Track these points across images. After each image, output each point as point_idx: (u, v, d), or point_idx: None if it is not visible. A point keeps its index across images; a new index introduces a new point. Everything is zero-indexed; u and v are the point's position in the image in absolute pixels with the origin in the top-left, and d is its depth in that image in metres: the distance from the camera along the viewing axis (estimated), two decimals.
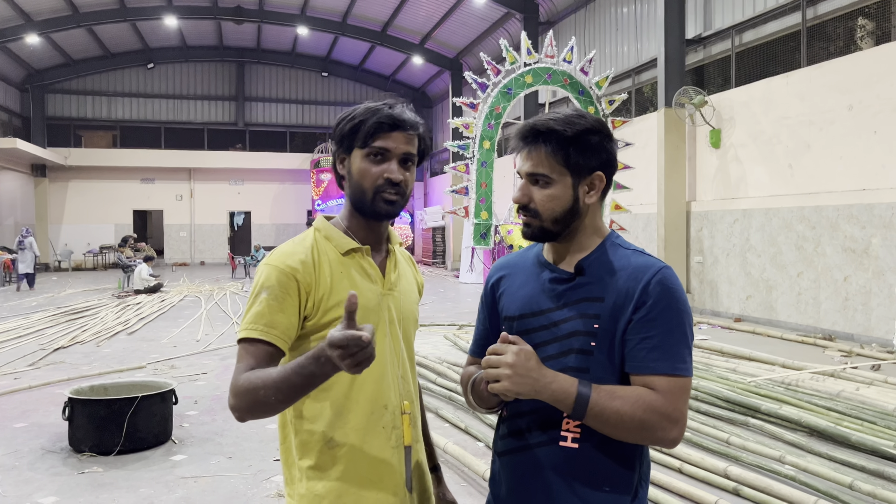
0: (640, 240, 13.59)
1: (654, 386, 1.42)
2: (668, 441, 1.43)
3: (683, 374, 1.43)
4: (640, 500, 1.53)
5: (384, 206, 1.61)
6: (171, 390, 5.25)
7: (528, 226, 1.54)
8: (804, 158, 10.24)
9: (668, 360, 1.43)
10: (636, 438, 1.43)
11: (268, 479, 4.46)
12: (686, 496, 3.94)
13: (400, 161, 1.61)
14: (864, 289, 9.15)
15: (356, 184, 1.62)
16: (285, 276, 1.56)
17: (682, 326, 1.45)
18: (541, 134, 1.51)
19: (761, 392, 5.90)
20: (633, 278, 1.47)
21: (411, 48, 24.98)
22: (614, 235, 1.58)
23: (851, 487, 3.92)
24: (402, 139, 1.61)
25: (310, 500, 1.59)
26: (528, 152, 1.53)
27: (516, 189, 1.55)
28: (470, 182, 9.65)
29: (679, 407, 1.42)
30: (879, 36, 9.89)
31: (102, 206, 28.98)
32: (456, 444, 4.79)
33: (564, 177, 1.52)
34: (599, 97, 10.19)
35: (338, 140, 1.65)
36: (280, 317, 1.54)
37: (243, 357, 1.52)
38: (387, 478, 1.62)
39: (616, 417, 1.40)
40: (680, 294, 1.47)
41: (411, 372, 1.75)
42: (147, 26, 25.90)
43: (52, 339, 9.82)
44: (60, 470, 4.64)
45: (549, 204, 1.51)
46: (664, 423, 1.40)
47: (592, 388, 1.41)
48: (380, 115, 1.60)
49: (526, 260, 1.65)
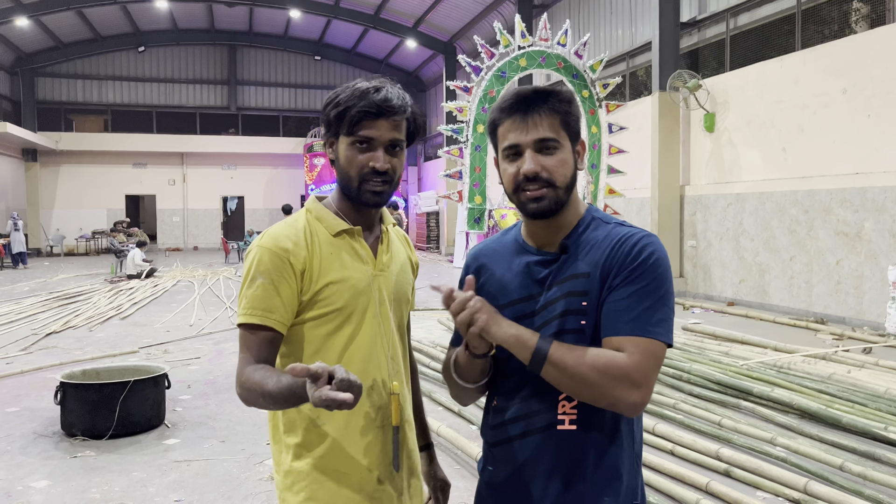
0: (634, 224, 13.57)
1: (623, 346, 1.38)
2: (628, 404, 1.36)
3: (656, 337, 1.38)
4: (639, 476, 1.53)
5: (370, 197, 1.61)
6: (164, 374, 5.24)
7: (540, 199, 1.46)
8: (798, 142, 10.24)
9: (640, 322, 1.38)
10: (594, 396, 1.38)
11: (261, 463, 4.46)
12: (678, 477, 3.95)
13: (386, 148, 1.59)
14: (857, 272, 9.18)
15: (343, 170, 1.61)
16: (279, 258, 1.56)
17: (660, 290, 1.41)
18: (545, 97, 1.47)
19: (753, 375, 5.92)
20: (616, 248, 1.44)
21: (405, 31, 24.81)
22: (594, 209, 1.56)
23: (842, 469, 3.94)
24: (387, 126, 1.58)
25: (294, 477, 1.60)
26: (529, 120, 1.46)
27: (527, 161, 1.45)
28: (464, 166, 9.61)
29: (644, 370, 1.36)
30: (874, 19, 9.86)
31: (94, 191, 28.83)
32: (449, 427, 4.80)
33: (566, 142, 1.49)
34: (593, 81, 10.14)
35: (325, 125, 1.64)
36: (277, 300, 1.55)
37: (246, 346, 1.55)
38: (371, 456, 1.62)
39: (574, 368, 1.36)
40: (661, 260, 1.43)
41: (402, 353, 1.74)
42: (138, 9, 25.64)
43: (45, 324, 9.78)
44: (53, 454, 4.64)
45: (562, 169, 1.47)
46: (624, 383, 1.35)
47: (553, 342, 1.40)
48: (364, 102, 1.56)
49: (504, 245, 1.60)
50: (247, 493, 4.00)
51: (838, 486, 3.71)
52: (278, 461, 1.65)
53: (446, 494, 1.86)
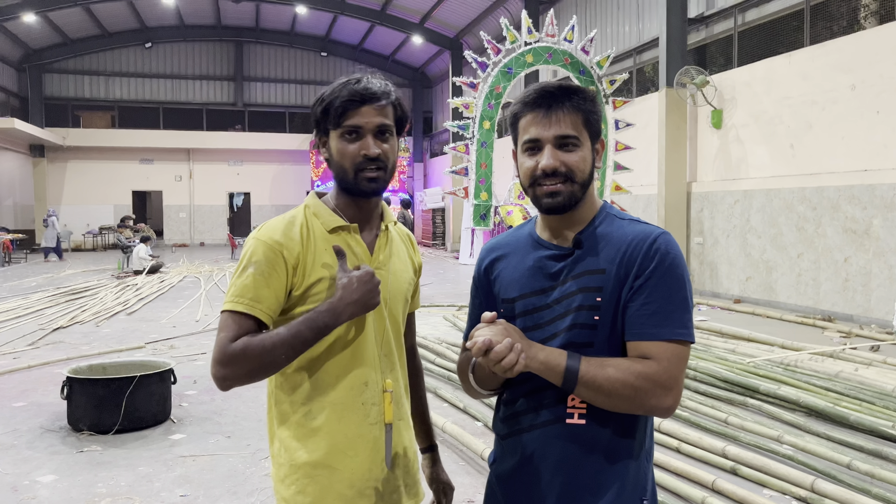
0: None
1: (651, 352, 1.40)
2: (662, 409, 1.40)
3: (684, 338, 1.41)
4: (648, 472, 1.52)
5: (367, 184, 1.62)
6: (170, 370, 5.25)
7: (556, 194, 1.46)
8: (806, 139, 10.18)
9: (668, 326, 1.40)
10: (629, 407, 1.40)
11: (266, 458, 4.46)
12: (684, 475, 3.94)
13: (375, 134, 1.61)
14: (865, 270, 9.13)
15: (337, 164, 1.63)
16: (272, 251, 1.57)
17: (683, 291, 1.43)
18: (569, 94, 1.48)
19: (760, 372, 5.90)
20: (633, 246, 1.44)
21: (411, 27, 24.78)
22: (608, 206, 1.56)
23: (849, 467, 3.92)
24: (372, 112, 1.60)
25: (287, 470, 1.61)
26: (553, 115, 1.46)
27: (546, 156, 1.46)
28: (470, 163, 9.60)
29: (674, 374, 1.39)
30: (883, 15, 9.79)
31: (101, 187, 28.89)
32: (454, 424, 4.80)
33: (587, 140, 1.50)
34: (600, 77, 10.11)
35: (315, 125, 1.66)
36: (266, 291, 1.55)
37: (228, 327, 1.53)
38: (363, 453, 1.62)
39: (608, 385, 1.37)
40: (679, 259, 1.45)
41: (398, 351, 1.74)
42: (144, 5, 25.69)
43: (52, 319, 9.82)
44: (59, 449, 4.65)
45: (581, 166, 1.48)
46: (657, 390, 1.38)
47: (581, 359, 1.40)
48: (345, 93, 1.59)
49: (518, 239, 1.61)
50: (252, 489, 4.01)
51: (846, 485, 3.69)
52: (272, 453, 1.67)
53: (449, 497, 1.86)
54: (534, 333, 1.49)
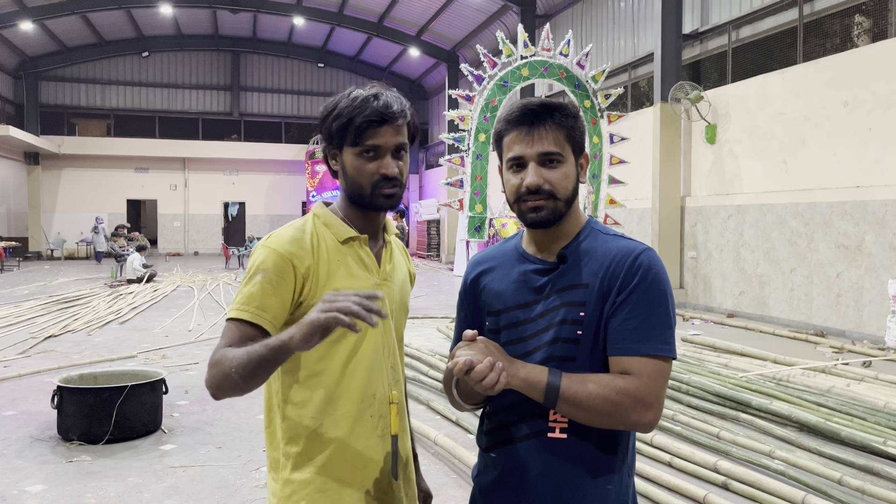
0: (635, 235, 13.58)
1: (632, 368, 1.40)
2: (643, 425, 1.41)
3: (665, 354, 1.42)
4: (629, 487, 1.52)
5: (384, 201, 1.61)
6: (162, 380, 5.23)
7: (540, 209, 1.48)
8: (799, 154, 10.24)
9: (649, 341, 1.41)
10: (610, 423, 1.41)
11: (257, 470, 4.45)
12: (675, 490, 3.94)
13: (393, 153, 1.60)
14: (857, 285, 9.17)
15: (353, 181, 1.61)
16: (282, 259, 1.55)
17: (665, 307, 1.44)
18: (551, 111, 1.49)
19: (752, 387, 5.90)
20: (616, 262, 1.46)
21: (408, 40, 24.89)
22: (593, 221, 1.58)
23: (841, 483, 3.93)
24: (391, 132, 1.58)
25: (295, 486, 1.59)
26: (535, 133, 1.48)
27: (530, 174, 1.48)
28: (465, 175, 9.62)
29: (655, 390, 1.40)
30: (876, 33, 9.88)
31: (96, 195, 28.82)
32: (447, 437, 4.78)
33: (570, 155, 1.51)
34: (595, 91, 10.15)
35: (326, 137, 1.63)
36: (272, 300, 1.53)
37: (227, 334, 1.51)
38: (371, 466, 1.62)
39: (588, 402, 1.38)
40: (662, 275, 1.46)
41: (400, 362, 1.75)
42: (142, 14, 25.73)
43: (43, 328, 9.77)
44: (48, 458, 4.62)
45: (564, 183, 1.49)
46: (638, 406, 1.39)
47: (563, 376, 1.40)
48: (367, 112, 1.56)
49: (504, 253, 1.62)
50: (242, 500, 3.99)
51: (836, 500, 3.70)
52: (276, 469, 1.63)
53: None
54: (517, 347, 1.50)
